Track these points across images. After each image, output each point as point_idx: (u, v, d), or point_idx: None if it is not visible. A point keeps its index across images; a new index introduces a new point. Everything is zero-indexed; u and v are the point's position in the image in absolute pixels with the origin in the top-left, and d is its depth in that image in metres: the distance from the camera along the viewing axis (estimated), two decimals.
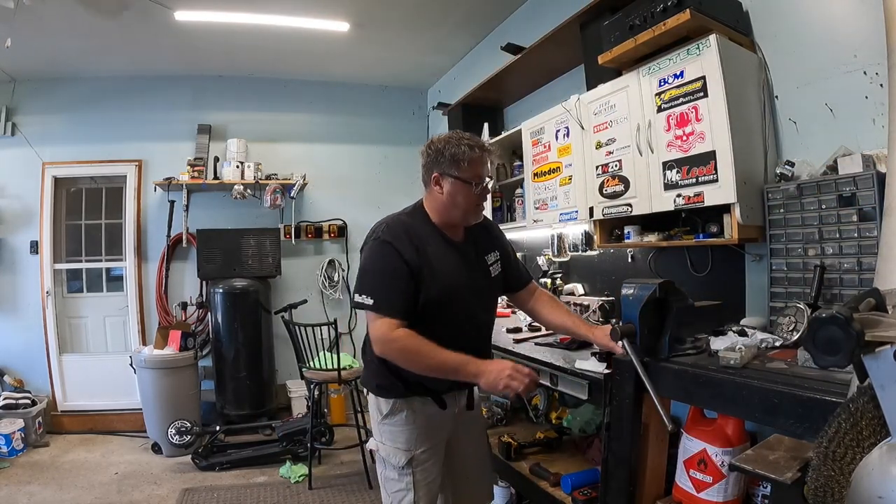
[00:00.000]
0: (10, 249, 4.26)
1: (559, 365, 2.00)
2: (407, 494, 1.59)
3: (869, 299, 0.87)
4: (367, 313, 1.53)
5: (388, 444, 1.63)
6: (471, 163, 1.52)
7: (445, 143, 1.54)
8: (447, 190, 1.55)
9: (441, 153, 1.53)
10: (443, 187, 1.56)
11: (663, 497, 1.66)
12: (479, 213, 1.64)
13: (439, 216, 1.60)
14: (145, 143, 4.44)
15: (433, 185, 1.57)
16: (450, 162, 1.52)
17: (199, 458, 3.42)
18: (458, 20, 3.71)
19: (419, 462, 1.60)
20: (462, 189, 1.54)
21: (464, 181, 1.53)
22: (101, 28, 3.50)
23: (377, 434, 1.67)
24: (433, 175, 1.56)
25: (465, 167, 1.52)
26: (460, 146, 1.52)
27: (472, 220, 1.64)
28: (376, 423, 1.67)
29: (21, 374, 4.20)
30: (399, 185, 5.06)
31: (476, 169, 1.54)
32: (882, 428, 0.79)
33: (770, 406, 1.18)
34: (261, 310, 4.22)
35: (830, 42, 1.76)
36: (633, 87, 2.16)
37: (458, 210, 1.57)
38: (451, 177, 1.53)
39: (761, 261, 1.95)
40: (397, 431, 1.61)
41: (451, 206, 1.56)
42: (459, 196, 1.55)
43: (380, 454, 1.65)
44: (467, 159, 1.52)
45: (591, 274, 2.99)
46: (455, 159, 1.52)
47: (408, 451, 1.59)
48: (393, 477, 1.62)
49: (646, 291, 1.48)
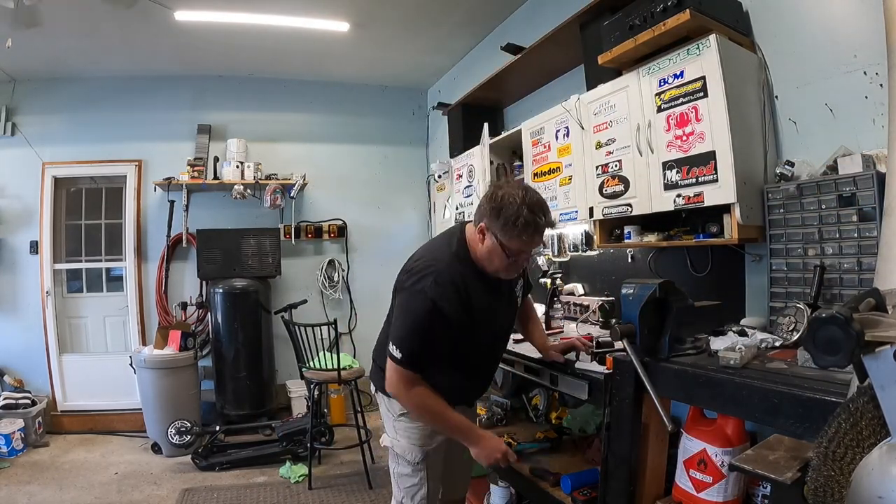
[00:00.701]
0: (10, 249, 4.26)
1: (559, 365, 2.01)
2: (420, 489, 1.64)
3: (869, 299, 0.87)
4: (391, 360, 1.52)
5: (403, 440, 1.66)
6: (517, 238, 1.45)
7: (509, 201, 1.44)
8: (487, 245, 1.51)
9: (497, 211, 1.45)
10: (485, 239, 1.51)
11: (663, 497, 1.66)
12: (511, 274, 1.62)
13: (477, 259, 1.57)
14: (145, 143, 4.45)
15: (478, 231, 1.52)
16: (501, 224, 1.45)
17: (199, 458, 3.42)
18: (458, 20, 3.71)
19: (432, 457, 1.65)
20: (500, 253, 1.49)
21: (503, 248, 1.48)
22: (101, 28, 3.50)
23: (392, 431, 1.70)
24: (481, 224, 1.51)
25: (511, 238, 1.46)
26: (518, 216, 1.42)
27: (503, 278, 1.62)
28: (391, 420, 1.70)
29: (21, 374, 4.20)
30: (399, 184, 5.07)
31: (520, 246, 1.48)
32: (882, 428, 0.79)
33: (770, 406, 1.18)
34: (261, 310, 4.22)
35: (830, 42, 1.76)
36: (633, 87, 2.16)
37: (491, 267, 1.55)
38: (495, 237, 1.48)
39: (761, 261, 1.95)
40: (413, 428, 1.65)
41: (486, 260, 1.53)
42: (496, 257, 1.51)
43: (394, 450, 1.68)
44: (517, 233, 1.44)
45: (591, 274, 2.99)
46: (506, 225, 1.44)
47: (423, 446, 1.65)
48: (406, 472, 1.66)
49: (646, 291, 1.48)
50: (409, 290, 1.51)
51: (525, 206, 1.43)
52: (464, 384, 1.71)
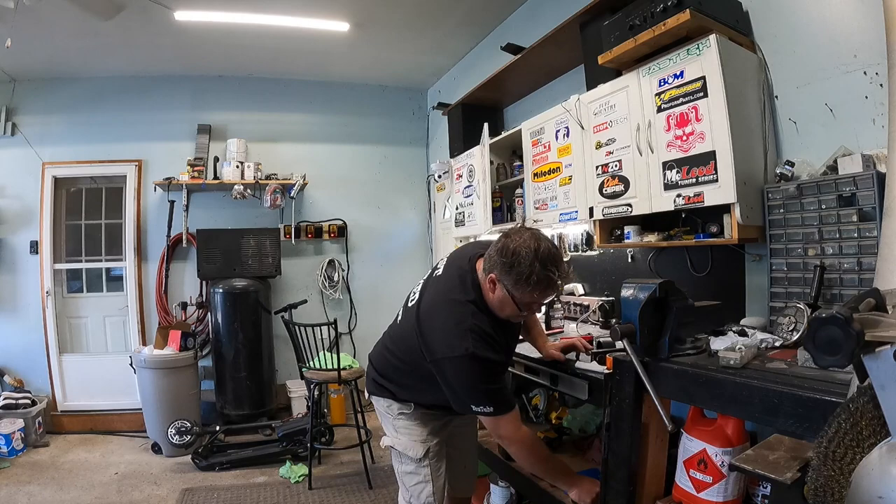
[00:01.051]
0: (10, 249, 4.26)
1: (559, 365, 2.01)
2: (426, 486, 1.65)
3: (869, 299, 0.87)
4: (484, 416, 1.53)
5: (404, 437, 1.67)
6: (529, 294, 1.44)
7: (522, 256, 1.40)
8: (498, 296, 1.49)
9: (510, 267, 1.41)
10: (495, 290, 1.49)
11: (663, 497, 1.66)
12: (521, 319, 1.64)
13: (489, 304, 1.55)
14: (145, 143, 4.45)
15: (489, 281, 1.49)
16: (513, 280, 1.42)
17: (199, 458, 3.42)
18: (458, 20, 3.71)
19: (434, 454, 1.66)
20: (511, 305, 1.48)
21: (514, 301, 1.47)
22: (101, 28, 3.50)
23: (392, 430, 1.71)
24: (492, 275, 1.47)
25: (524, 293, 1.44)
26: (531, 273, 1.39)
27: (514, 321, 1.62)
28: (390, 420, 1.72)
29: (21, 374, 4.20)
30: (399, 184, 5.07)
31: (532, 300, 1.48)
32: (882, 428, 0.79)
33: (770, 406, 1.18)
34: (261, 310, 4.22)
35: (830, 42, 1.76)
36: (633, 88, 2.16)
37: (503, 314, 1.54)
38: (507, 289, 1.45)
39: (761, 261, 1.95)
40: (413, 425, 1.67)
41: (498, 308, 1.52)
42: (507, 308, 1.50)
43: (396, 449, 1.69)
44: (529, 290, 1.42)
45: (591, 274, 2.99)
46: (519, 281, 1.42)
47: (424, 442, 1.66)
48: (410, 470, 1.67)
49: (646, 291, 1.48)
50: (453, 360, 1.46)
51: (538, 262, 1.39)
52: None
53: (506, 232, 1.50)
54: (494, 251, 1.47)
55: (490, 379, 1.49)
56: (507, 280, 1.43)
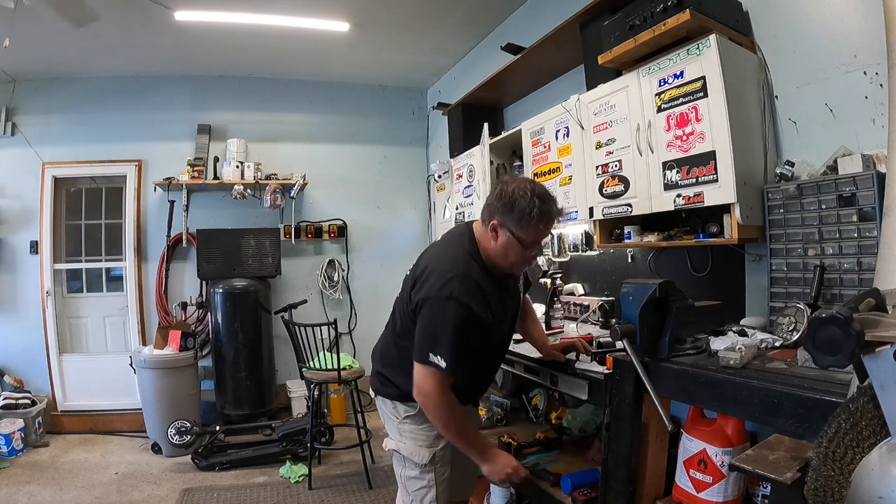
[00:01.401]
0: (10, 249, 4.26)
1: (559, 365, 2.01)
2: (429, 492, 1.62)
3: (869, 299, 0.87)
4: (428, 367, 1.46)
5: (409, 442, 1.64)
6: (532, 229, 1.49)
7: (520, 195, 1.47)
8: (501, 241, 1.52)
9: (509, 207, 1.48)
10: (498, 237, 1.52)
11: (663, 497, 1.66)
12: (524, 267, 1.66)
13: (489, 260, 1.57)
14: (145, 143, 4.44)
15: (490, 229, 1.53)
16: (516, 218, 1.47)
17: (198, 458, 3.42)
18: (458, 20, 3.71)
19: (439, 459, 1.63)
20: (516, 247, 1.52)
21: (519, 241, 1.50)
22: (101, 28, 3.50)
23: (397, 434, 1.68)
24: (493, 221, 1.52)
25: (528, 230, 1.48)
26: (532, 207, 1.46)
27: (517, 273, 1.65)
28: (395, 423, 1.68)
29: (21, 374, 4.20)
30: (399, 185, 5.07)
31: (536, 236, 1.52)
32: (882, 428, 0.79)
33: (770, 406, 1.18)
34: (261, 310, 4.22)
35: (830, 42, 1.76)
36: (633, 88, 2.16)
37: (505, 261, 1.56)
38: (510, 232, 1.50)
39: (761, 261, 1.95)
40: (420, 429, 1.64)
41: (501, 256, 1.54)
42: (511, 252, 1.53)
43: (401, 453, 1.66)
44: (533, 224, 1.47)
45: (591, 274, 2.99)
46: (522, 218, 1.47)
47: (430, 447, 1.63)
48: (414, 475, 1.63)
49: (646, 291, 1.48)
50: (437, 298, 1.46)
51: (537, 198, 1.46)
52: (473, 384, 1.71)
53: (501, 180, 1.58)
54: (493, 198, 1.53)
55: (460, 331, 1.43)
56: (510, 220, 1.48)
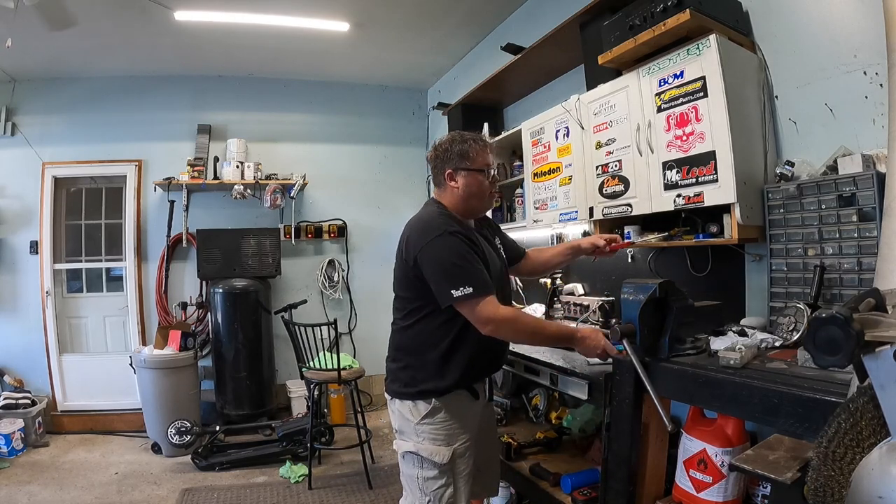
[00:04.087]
0: (10, 249, 4.26)
1: (559, 365, 2.01)
2: (447, 489, 1.62)
3: (869, 299, 0.87)
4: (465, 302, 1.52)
5: (428, 443, 1.63)
6: (478, 154, 1.67)
7: (450, 142, 1.68)
8: (462, 183, 1.67)
9: (449, 152, 1.67)
10: (457, 181, 1.67)
11: (663, 497, 1.67)
12: (493, 199, 1.77)
13: (460, 210, 1.69)
14: (145, 143, 4.44)
15: (448, 181, 1.68)
16: (459, 157, 1.66)
17: (198, 458, 3.42)
18: (458, 20, 3.71)
19: (459, 455, 1.64)
20: (476, 179, 1.67)
21: (476, 171, 1.67)
22: (100, 28, 3.50)
23: (414, 435, 1.65)
24: (446, 172, 1.68)
25: (475, 158, 1.66)
26: (465, 142, 1.67)
27: (489, 207, 1.78)
28: (412, 425, 1.66)
29: (21, 374, 4.19)
30: (399, 185, 5.06)
31: (484, 158, 1.68)
32: (882, 428, 0.79)
33: (770, 406, 1.18)
34: (261, 310, 4.22)
35: (830, 42, 1.76)
36: (633, 88, 2.16)
37: (476, 199, 1.69)
38: (464, 170, 1.66)
39: (761, 261, 1.95)
40: (438, 429, 1.63)
41: (469, 196, 1.68)
42: (475, 186, 1.67)
43: (419, 455, 1.64)
44: (474, 152, 1.66)
45: (591, 274, 2.99)
46: (463, 154, 1.66)
47: (449, 446, 1.63)
48: (432, 475, 1.62)
49: (646, 291, 1.48)
50: (431, 242, 1.55)
51: (462, 134, 1.70)
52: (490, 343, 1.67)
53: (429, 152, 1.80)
54: (433, 160, 1.71)
55: (466, 257, 1.54)
56: (458, 161, 1.66)
